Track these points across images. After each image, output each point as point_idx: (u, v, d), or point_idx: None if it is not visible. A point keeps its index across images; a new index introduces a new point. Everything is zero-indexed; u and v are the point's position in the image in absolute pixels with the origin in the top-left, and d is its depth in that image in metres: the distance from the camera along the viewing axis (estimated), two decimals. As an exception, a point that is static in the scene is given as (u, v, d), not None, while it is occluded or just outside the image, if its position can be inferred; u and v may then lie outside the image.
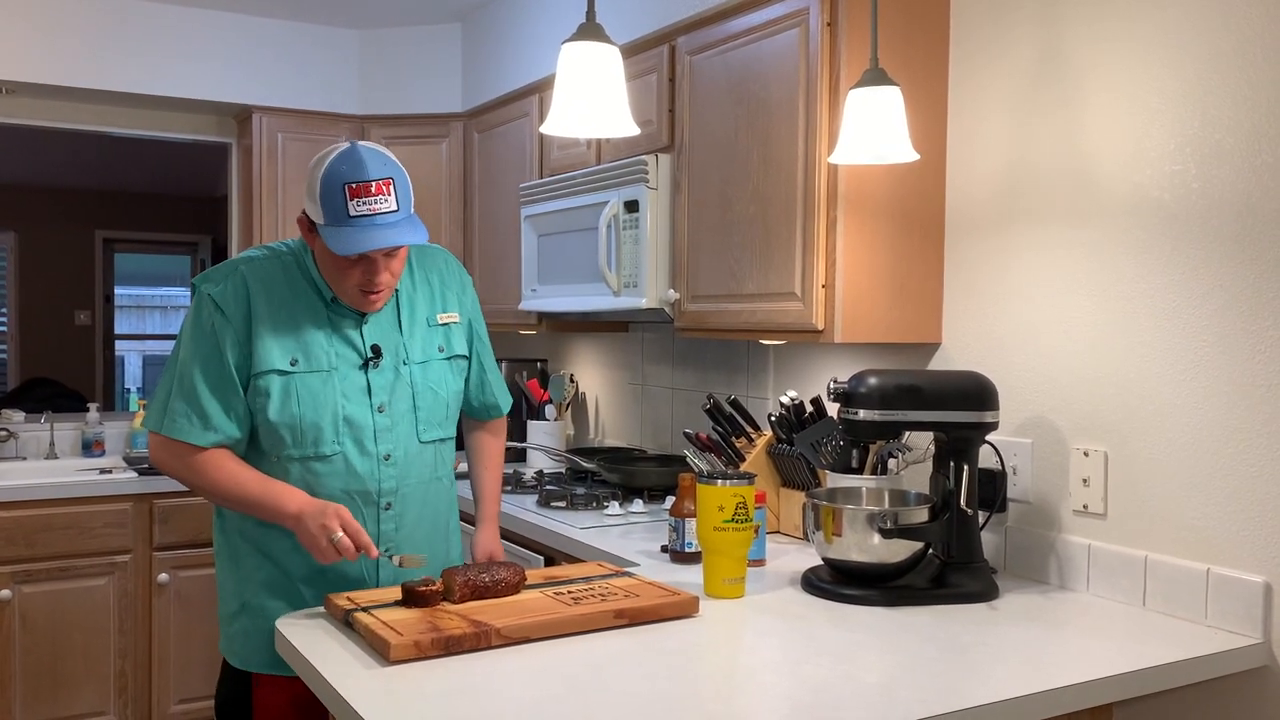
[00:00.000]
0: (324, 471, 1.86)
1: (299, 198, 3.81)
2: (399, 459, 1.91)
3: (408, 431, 1.92)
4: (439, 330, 1.98)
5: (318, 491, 1.86)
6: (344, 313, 1.89)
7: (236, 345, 1.81)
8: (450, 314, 2.00)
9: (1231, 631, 1.72)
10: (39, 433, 3.74)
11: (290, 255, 1.91)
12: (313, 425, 1.84)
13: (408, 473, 1.92)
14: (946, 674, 1.50)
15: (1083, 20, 1.98)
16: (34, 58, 3.45)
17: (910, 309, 2.24)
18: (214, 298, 1.82)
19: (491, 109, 3.59)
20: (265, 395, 1.82)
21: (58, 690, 3.24)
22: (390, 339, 1.92)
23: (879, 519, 1.85)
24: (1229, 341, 1.76)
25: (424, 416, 1.94)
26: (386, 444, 1.90)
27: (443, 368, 1.98)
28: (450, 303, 2.01)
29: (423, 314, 1.96)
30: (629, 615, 1.68)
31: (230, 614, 1.95)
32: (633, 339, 3.46)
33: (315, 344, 1.85)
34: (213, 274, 1.86)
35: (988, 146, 2.17)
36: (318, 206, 1.77)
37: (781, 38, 2.25)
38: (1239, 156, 1.74)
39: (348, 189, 1.74)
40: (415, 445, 1.93)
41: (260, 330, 1.82)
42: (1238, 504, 1.75)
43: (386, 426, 1.89)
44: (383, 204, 1.75)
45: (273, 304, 1.84)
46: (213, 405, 1.81)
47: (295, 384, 1.83)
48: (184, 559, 3.40)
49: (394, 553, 1.91)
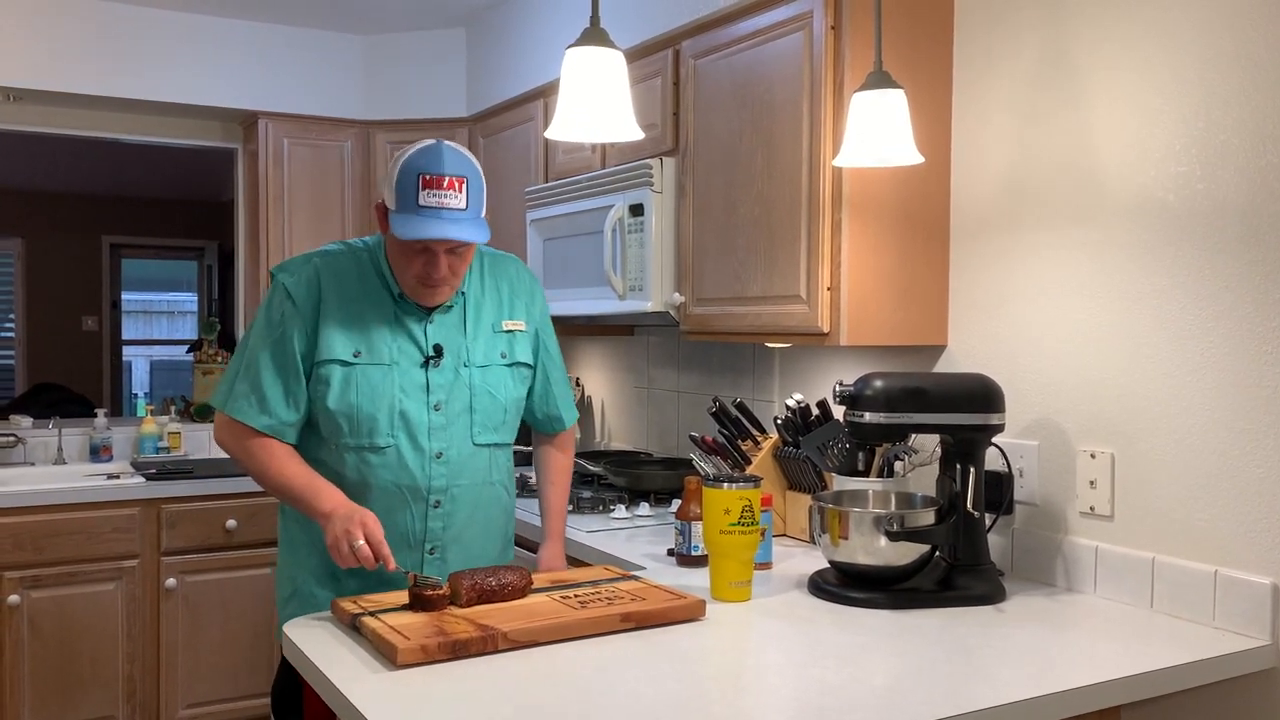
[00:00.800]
0: (377, 463, 1.90)
1: (305, 202, 3.83)
2: (451, 458, 1.94)
3: (462, 432, 1.95)
4: (503, 336, 2.01)
5: (370, 482, 1.90)
6: (411, 310, 1.93)
7: (304, 334, 1.88)
8: (516, 322, 2.03)
9: (1239, 633, 1.72)
10: (47, 438, 3.75)
11: (365, 252, 1.97)
12: (369, 416, 1.88)
13: (459, 473, 1.95)
14: (953, 677, 1.50)
15: (1086, 22, 1.98)
16: (41, 65, 3.46)
17: (915, 311, 2.24)
18: (287, 287, 1.90)
19: (496, 113, 3.60)
20: (326, 384, 1.88)
21: (66, 695, 3.24)
22: (453, 340, 1.95)
23: (885, 522, 1.85)
24: (1235, 343, 1.76)
25: (479, 419, 1.96)
26: (439, 442, 1.92)
27: (503, 373, 2.00)
28: (518, 311, 2.04)
29: (489, 319, 2.00)
30: (636, 619, 1.68)
31: (284, 598, 2.01)
32: (638, 342, 3.46)
33: (379, 338, 1.91)
34: (289, 264, 1.95)
35: (992, 149, 2.17)
36: (392, 192, 1.84)
37: (786, 41, 2.25)
38: (1244, 157, 1.74)
39: (421, 179, 1.81)
40: (469, 447, 1.96)
41: (328, 320, 1.88)
42: (1245, 505, 1.74)
43: (441, 425, 1.93)
44: (452, 199, 1.81)
45: (343, 297, 1.90)
46: (274, 390, 1.88)
47: (356, 375, 1.88)
48: (192, 564, 3.40)
49: (439, 550, 1.94)
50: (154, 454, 3.85)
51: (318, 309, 1.89)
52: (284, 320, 1.89)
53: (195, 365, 4.16)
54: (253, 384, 1.88)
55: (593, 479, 3.09)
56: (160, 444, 3.87)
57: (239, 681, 3.48)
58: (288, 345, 1.88)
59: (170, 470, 3.54)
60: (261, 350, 1.89)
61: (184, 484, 3.39)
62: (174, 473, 3.49)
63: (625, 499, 2.79)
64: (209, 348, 4.14)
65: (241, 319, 4.13)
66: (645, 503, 2.78)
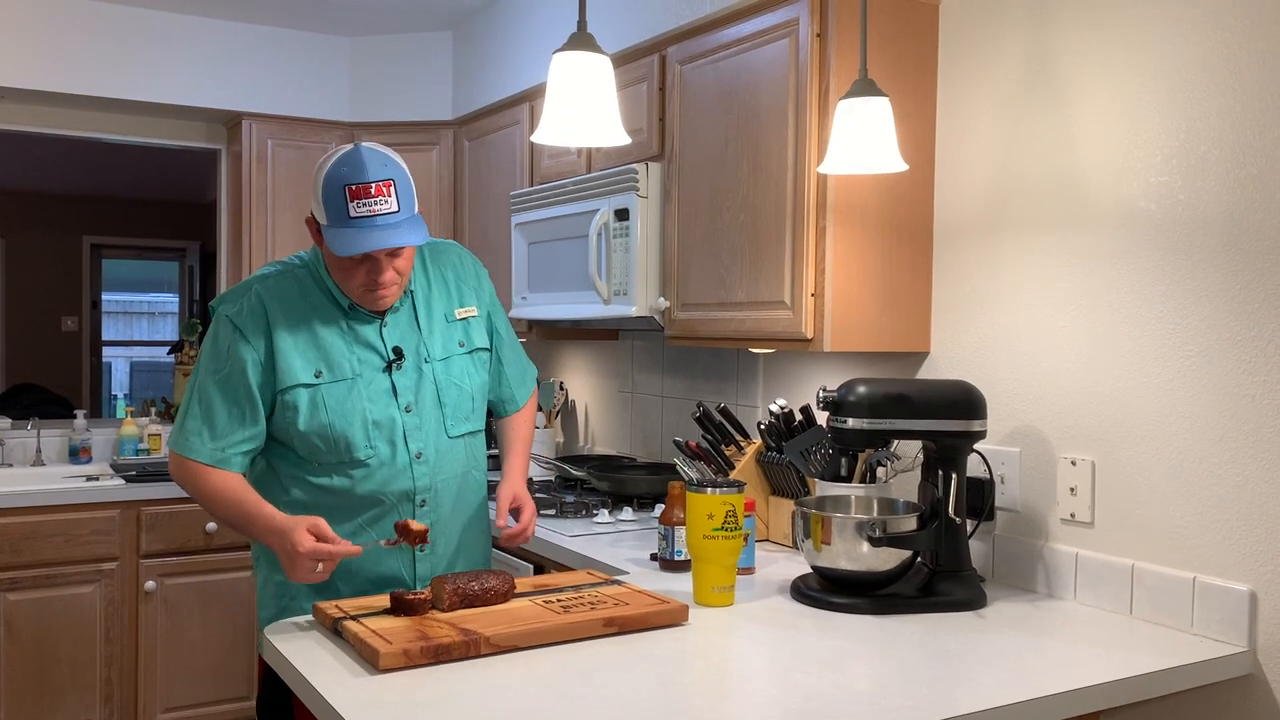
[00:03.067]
0: (360, 476, 1.89)
1: (289, 204, 3.81)
2: (430, 456, 1.94)
3: (436, 428, 1.94)
4: (458, 325, 2.00)
5: (356, 494, 1.89)
6: (363, 318, 1.91)
7: (258, 365, 1.84)
8: (468, 308, 2.02)
9: (1217, 640, 1.73)
10: (25, 439, 3.72)
11: (304, 268, 1.93)
12: (342, 433, 1.86)
13: (440, 469, 1.95)
14: (935, 682, 1.50)
15: (1069, 32, 2.00)
16: (24, 63, 3.44)
17: (899, 318, 2.25)
18: (232, 319, 1.84)
19: (482, 117, 3.59)
20: (294, 409, 1.85)
21: (43, 698, 3.22)
22: (410, 339, 1.94)
23: (868, 527, 1.86)
24: (1215, 351, 1.77)
25: (450, 412, 1.96)
26: (417, 443, 1.92)
27: (464, 362, 2.00)
28: (467, 297, 2.03)
29: (440, 311, 1.98)
30: (618, 624, 1.68)
31: (268, 617, 1.95)
32: (622, 347, 3.46)
33: (337, 353, 1.87)
34: (228, 296, 1.89)
35: (976, 157, 2.18)
36: (321, 208, 1.81)
37: (771, 48, 2.26)
38: (1224, 168, 1.76)
39: (348, 190, 1.76)
40: (445, 441, 1.96)
41: (281, 346, 1.84)
42: (1224, 513, 1.76)
43: (415, 425, 1.92)
44: (383, 205, 1.77)
45: (291, 319, 1.86)
46: (225, 423, 1.83)
47: (321, 395, 1.85)
48: (171, 566, 3.38)
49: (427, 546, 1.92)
50: (134, 456, 3.82)
51: (268, 336, 1.84)
52: (231, 353, 1.84)
53: (176, 366, 4.13)
54: (205, 419, 1.83)
55: (576, 483, 3.09)
56: (140, 446, 3.85)
57: (218, 685, 3.46)
58: (238, 378, 1.83)
59: (150, 472, 3.51)
60: (210, 385, 1.84)
61: (164, 486, 3.37)
62: (154, 475, 3.47)
63: (608, 504, 2.79)
64: (190, 349, 4.12)
65: (224, 320, 4.11)
66: (629, 507, 2.78)
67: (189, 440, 1.83)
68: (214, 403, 1.83)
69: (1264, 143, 1.70)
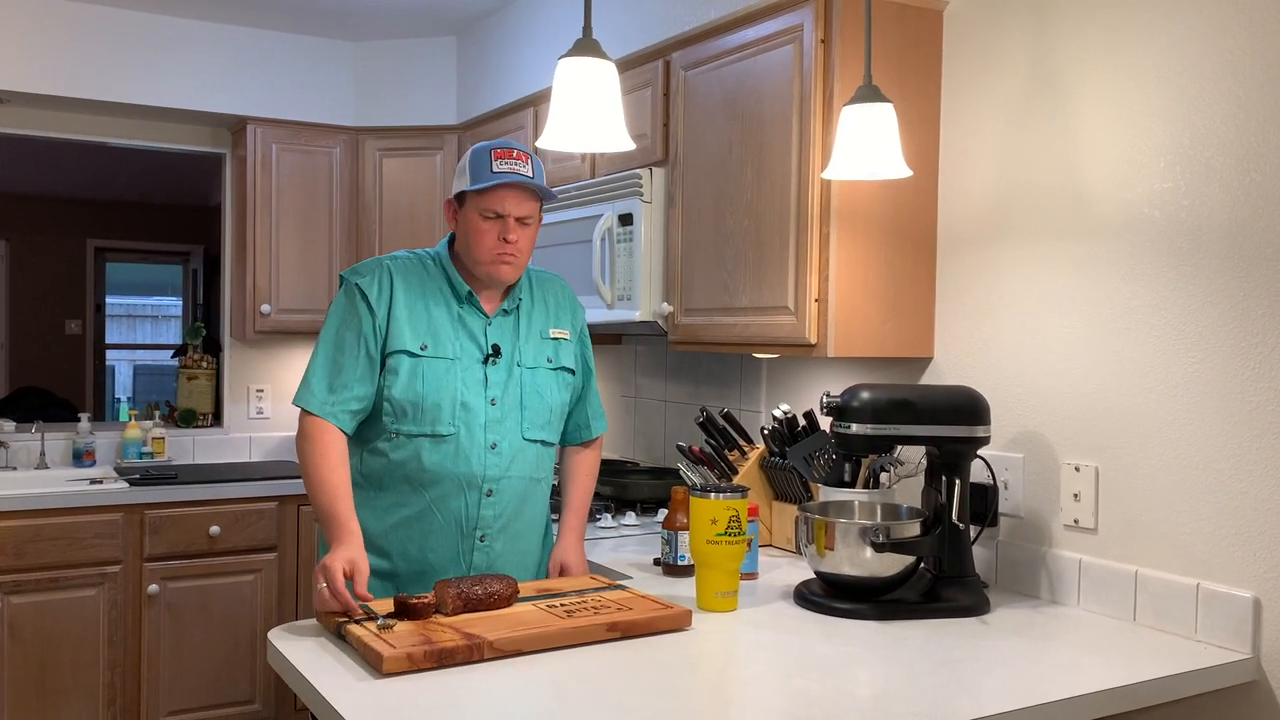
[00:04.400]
0: (439, 450, 1.98)
1: (293, 208, 3.83)
2: (504, 450, 2.02)
3: (514, 427, 2.03)
4: (550, 343, 2.11)
5: (429, 469, 1.98)
6: (472, 313, 2.05)
7: (376, 331, 1.99)
8: (562, 330, 2.14)
9: (1221, 646, 1.73)
10: (29, 442, 3.73)
11: (431, 258, 2.09)
12: (434, 405, 1.98)
13: (511, 465, 2.03)
14: (938, 688, 1.50)
15: (1073, 39, 2.00)
16: (29, 68, 3.45)
17: (902, 323, 2.25)
18: (360, 286, 2.01)
19: (486, 122, 3.60)
20: (395, 373, 1.98)
21: (46, 702, 3.22)
22: (508, 341, 2.06)
23: (871, 533, 1.86)
24: (1218, 358, 1.77)
25: (529, 415, 2.05)
26: (495, 434, 2.01)
27: (549, 376, 2.09)
28: (563, 321, 2.15)
29: (538, 327, 2.11)
30: (622, 628, 1.68)
31: None
32: (626, 351, 3.46)
33: (444, 334, 2.02)
34: (360, 268, 2.05)
35: (980, 163, 2.19)
36: (466, 176, 1.99)
37: (776, 54, 2.27)
38: (1228, 175, 1.76)
39: (493, 152, 1.98)
40: (519, 441, 2.04)
41: (398, 316, 1.99)
42: (1228, 519, 1.76)
43: (496, 418, 2.01)
44: (522, 167, 1.98)
45: (411, 296, 2.02)
46: (341, 381, 1.97)
47: (423, 366, 1.98)
48: (174, 570, 3.38)
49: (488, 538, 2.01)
50: (137, 459, 3.83)
51: (389, 305, 2.00)
52: (359, 319, 1.99)
53: (180, 370, 4.14)
54: (324, 374, 1.97)
55: (579, 488, 3.09)
56: (144, 449, 3.85)
57: (221, 689, 3.46)
58: (358, 339, 1.98)
59: (154, 476, 3.52)
60: (332, 345, 1.99)
61: (167, 489, 3.37)
62: (158, 478, 3.47)
63: (611, 508, 2.79)
64: (194, 353, 4.12)
65: (227, 324, 4.12)
66: (631, 512, 2.78)
67: (306, 393, 1.97)
68: (334, 359, 1.98)
69: (1267, 149, 1.71)
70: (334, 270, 3.87)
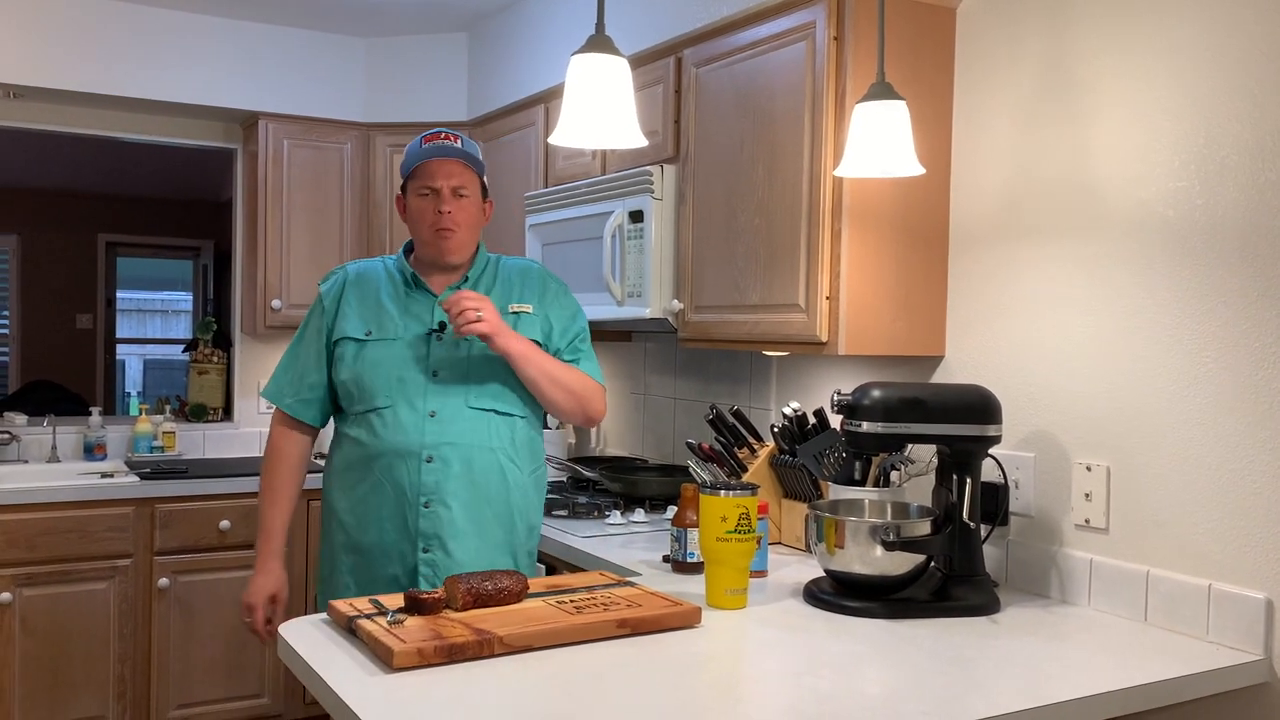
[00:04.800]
0: (379, 425, 2.11)
1: (304, 203, 3.83)
2: (444, 417, 2.10)
3: (457, 397, 2.12)
4: (509, 317, 2.16)
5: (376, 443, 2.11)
6: (421, 296, 2.18)
7: (325, 326, 2.19)
8: (524, 305, 2.20)
9: (1233, 648, 1.72)
10: (41, 436, 3.75)
11: (390, 259, 2.27)
12: (370, 382, 2.12)
13: (450, 432, 2.10)
14: (948, 687, 1.50)
15: (1087, 36, 1.99)
16: (42, 62, 3.46)
17: (914, 322, 2.24)
18: (321, 293, 2.23)
19: (497, 118, 3.60)
20: (341, 359, 2.16)
21: (57, 694, 3.23)
22: None
23: (881, 531, 1.86)
24: (1232, 358, 1.77)
25: (475, 385, 2.13)
26: (434, 403, 2.11)
27: None
28: (527, 297, 2.22)
29: (496, 303, 2.14)
30: (631, 625, 1.69)
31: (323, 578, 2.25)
32: (635, 349, 3.46)
33: (389, 319, 2.16)
34: (327, 275, 2.26)
35: (992, 160, 2.18)
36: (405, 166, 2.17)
37: (788, 51, 2.26)
38: (1243, 174, 1.75)
39: (422, 138, 2.16)
40: (464, 410, 2.11)
41: (345, 311, 2.17)
42: (1240, 520, 1.75)
43: (438, 391, 2.12)
44: (450, 144, 2.14)
45: (364, 290, 2.19)
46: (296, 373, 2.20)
47: (366, 350, 2.14)
48: (184, 564, 3.40)
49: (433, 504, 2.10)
50: (148, 453, 3.84)
51: (338, 301, 2.18)
52: (312, 317, 2.22)
53: (191, 365, 4.15)
54: (284, 369, 2.23)
55: (588, 484, 3.09)
56: (155, 443, 3.87)
57: (230, 682, 3.47)
58: (312, 336, 2.20)
59: (164, 470, 3.53)
60: (298, 341, 2.23)
61: (178, 484, 3.39)
62: (168, 472, 3.49)
63: (621, 505, 2.79)
64: (205, 347, 4.13)
65: (238, 319, 4.13)
66: (641, 509, 2.78)
67: (270, 383, 2.24)
68: (294, 353, 2.23)
69: (1283, 149, 1.70)
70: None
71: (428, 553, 2.09)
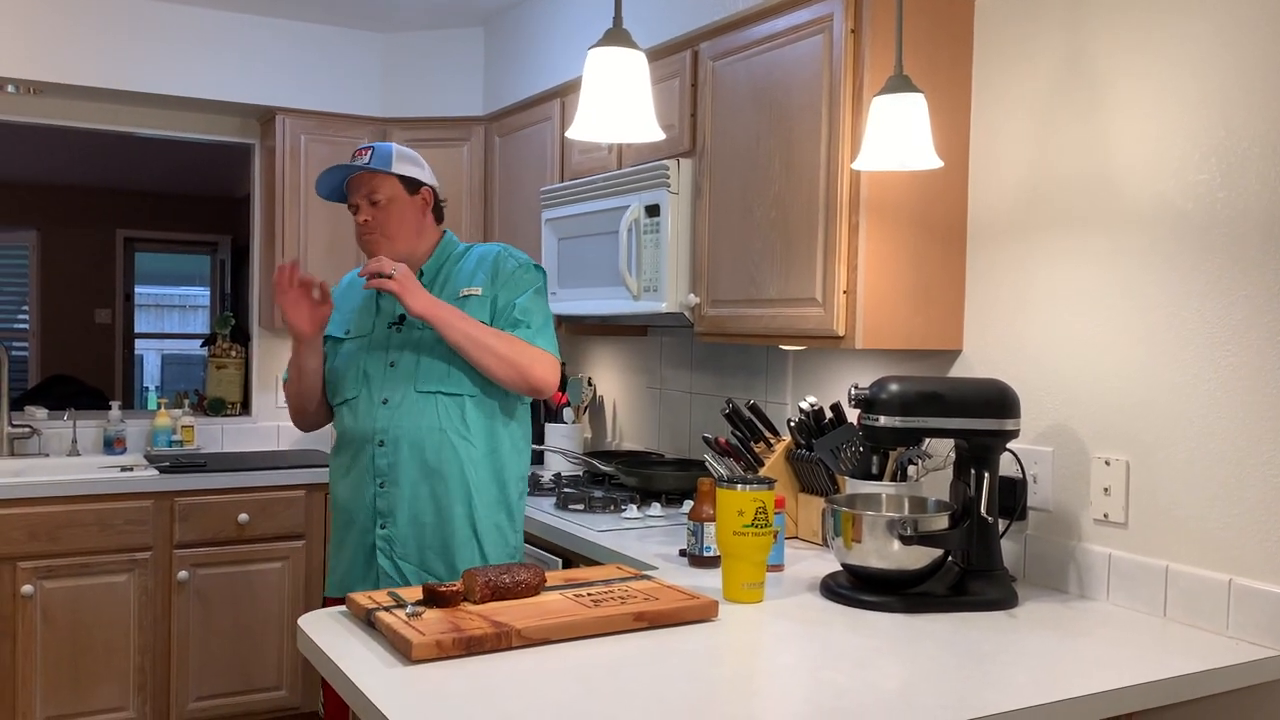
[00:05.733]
0: (347, 414, 2.32)
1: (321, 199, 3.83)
2: (395, 403, 2.26)
3: (407, 382, 2.26)
4: (458, 302, 2.27)
5: (344, 431, 2.32)
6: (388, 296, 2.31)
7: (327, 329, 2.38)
8: (473, 289, 2.29)
9: (1253, 643, 1.71)
10: (61, 430, 3.78)
11: None
12: (341, 376, 2.33)
13: (400, 416, 2.25)
14: (966, 681, 1.50)
15: (1106, 28, 1.98)
16: (60, 59, 3.48)
17: (931, 316, 2.24)
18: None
19: (513, 113, 3.61)
20: (325, 356, 2.37)
21: (78, 685, 3.26)
22: None
23: (899, 525, 1.85)
24: (1253, 352, 1.75)
25: (424, 370, 2.25)
26: (387, 391, 2.27)
27: None
28: (477, 279, 2.30)
29: (450, 292, 2.30)
30: (648, 618, 1.69)
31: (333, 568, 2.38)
32: (651, 343, 3.46)
33: (363, 318, 2.36)
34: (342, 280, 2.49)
35: (1011, 154, 2.17)
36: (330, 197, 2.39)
37: (805, 44, 2.26)
38: (1265, 166, 1.74)
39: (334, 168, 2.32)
40: (412, 394, 2.25)
41: (335, 314, 2.35)
42: (1261, 515, 1.74)
43: (393, 379, 2.27)
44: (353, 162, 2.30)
45: (352, 295, 2.41)
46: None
47: (343, 347, 2.36)
48: (204, 557, 3.42)
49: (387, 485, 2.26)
50: (167, 447, 3.87)
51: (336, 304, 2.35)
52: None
53: (209, 359, 4.17)
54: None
55: (604, 478, 3.10)
56: (174, 437, 3.89)
57: (249, 674, 3.49)
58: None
59: (184, 463, 3.56)
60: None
61: (197, 477, 3.41)
62: (187, 466, 3.51)
63: (637, 499, 2.79)
64: (223, 342, 4.16)
65: (255, 314, 4.15)
66: (657, 503, 2.78)
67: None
68: None
69: (1306, 141, 1.68)
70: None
71: (384, 529, 2.26)
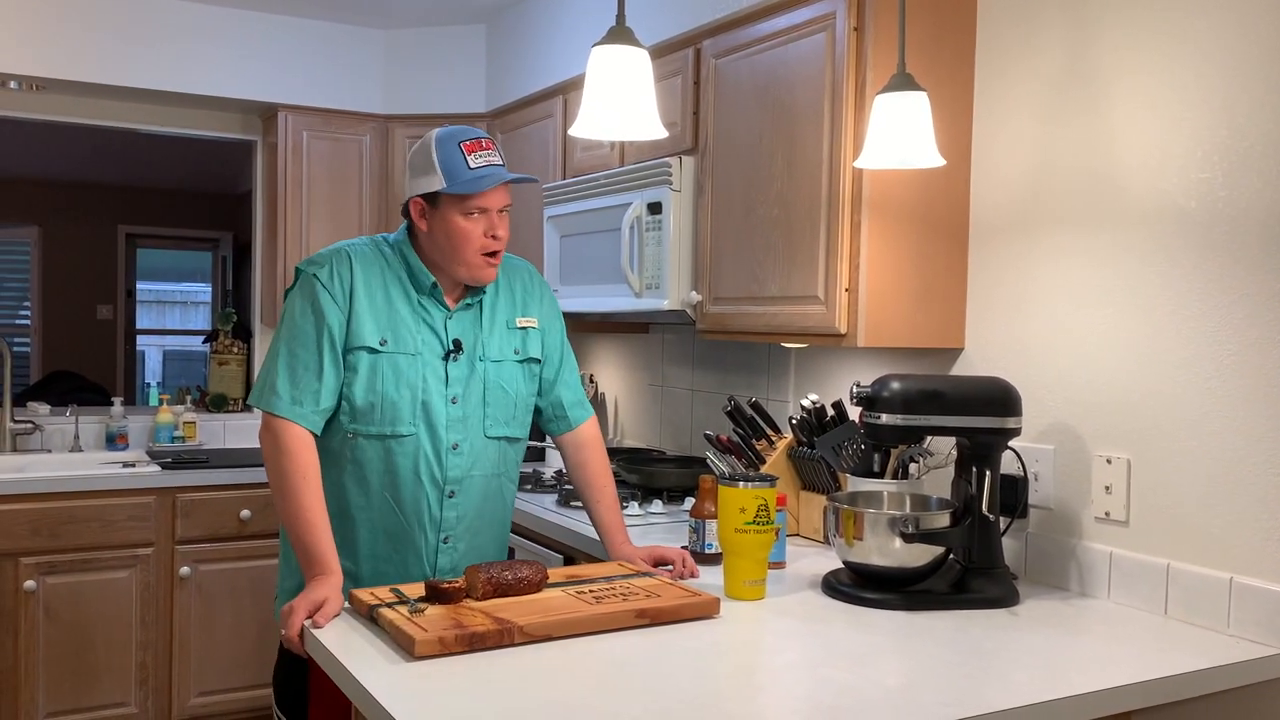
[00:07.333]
0: (399, 451, 1.93)
1: (323, 195, 3.84)
2: (465, 450, 1.98)
3: (476, 425, 1.99)
4: (517, 333, 2.06)
5: (391, 470, 1.93)
6: (433, 306, 1.98)
7: (340, 322, 1.90)
8: (529, 319, 2.08)
9: (1254, 641, 1.72)
10: (64, 426, 3.78)
11: (389, 246, 2.00)
12: (393, 404, 1.92)
13: (473, 464, 2.00)
14: (967, 679, 1.50)
15: (1108, 26, 1.98)
16: (63, 55, 3.49)
17: (933, 314, 2.24)
18: (319, 278, 1.91)
19: (515, 110, 3.61)
20: (354, 370, 1.91)
21: (80, 681, 3.27)
22: (470, 335, 2.00)
23: (900, 523, 1.86)
24: (1254, 350, 1.76)
25: (492, 412, 2.01)
26: (456, 434, 1.97)
27: (516, 369, 2.05)
28: (531, 308, 2.09)
29: (503, 317, 2.05)
30: (650, 615, 1.69)
31: (287, 590, 2.00)
32: (653, 340, 3.47)
33: (405, 329, 1.94)
34: (317, 258, 1.95)
35: (1013, 152, 2.17)
36: (437, 174, 1.89)
37: (808, 42, 2.26)
38: (1268, 164, 1.74)
39: (463, 146, 1.89)
40: (482, 439, 2.00)
41: (358, 309, 1.91)
42: (1262, 513, 1.74)
43: (458, 418, 1.97)
44: (494, 157, 1.92)
45: (371, 287, 1.94)
46: (305, 378, 1.87)
47: (383, 363, 1.91)
48: (205, 553, 3.42)
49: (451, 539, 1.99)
50: (169, 443, 3.87)
51: (350, 297, 1.91)
52: (322, 310, 1.89)
53: (211, 356, 4.18)
54: (286, 372, 1.87)
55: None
56: (176, 433, 3.89)
57: (251, 670, 3.50)
58: (321, 334, 1.88)
59: (186, 460, 3.56)
60: (294, 341, 1.89)
61: (199, 473, 3.41)
62: (189, 462, 3.51)
63: (638, 496, 2.80)
64: (225, 338, 4.16)
65: (257, 310, 4.15)
66: (658, 500, 2.78)
67: (271, 396, 1.86)
68: (294, 355, 1.88)
69: (1308, 140, 1.68)
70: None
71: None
